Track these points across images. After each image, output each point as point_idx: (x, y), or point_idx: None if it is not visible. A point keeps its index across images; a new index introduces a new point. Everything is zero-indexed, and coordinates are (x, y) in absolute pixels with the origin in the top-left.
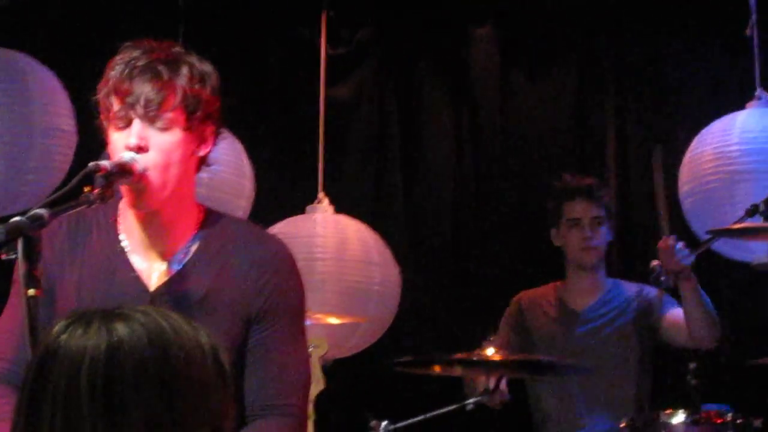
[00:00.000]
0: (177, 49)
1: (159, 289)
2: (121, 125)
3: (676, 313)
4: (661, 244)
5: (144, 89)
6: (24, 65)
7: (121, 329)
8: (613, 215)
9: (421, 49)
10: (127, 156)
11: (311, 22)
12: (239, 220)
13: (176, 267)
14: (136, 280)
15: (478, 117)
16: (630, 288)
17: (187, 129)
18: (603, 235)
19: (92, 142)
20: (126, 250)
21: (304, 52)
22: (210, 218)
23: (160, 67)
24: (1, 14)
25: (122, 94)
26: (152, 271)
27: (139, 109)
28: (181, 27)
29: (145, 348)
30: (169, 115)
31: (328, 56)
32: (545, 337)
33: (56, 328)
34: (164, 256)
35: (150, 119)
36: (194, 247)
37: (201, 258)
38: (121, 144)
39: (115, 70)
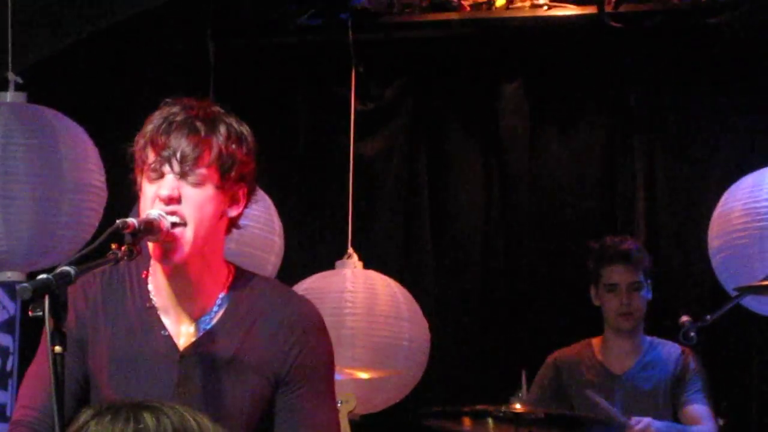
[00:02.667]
0: (216, 108)
1: (188, 349)
2: (154, 177)
3: (693, 410)
4: None
5: (180, 144)
6: (54, 121)
7: (148, 419)
8: (651, 275)
9: (450, 104)
10: (154, 213)
11: (341, 77)
12: (268, 279)
13: (205, 327)
14: (167, 339)
15: (508, 172)
16: (667, 350)
17: (220, 187)
18: (641, 300)
19: (122, 198)
20: (156, 307)
21: (334, 108)
22: (239, 278)
23: (198, 124)
24: (31, 70)
25: (158, 147)
26: (181, 331)
27: (174, 163)
28: (212, 82)
29: None
30: (203, 171)
31: (358, 112)
32: (586, 401)
33: (84, 416)
34: (193, 315)
35: (184, 173)
36: (223, 308)
37: (229, 319)
38: (152, 194)
39: (153, 124)
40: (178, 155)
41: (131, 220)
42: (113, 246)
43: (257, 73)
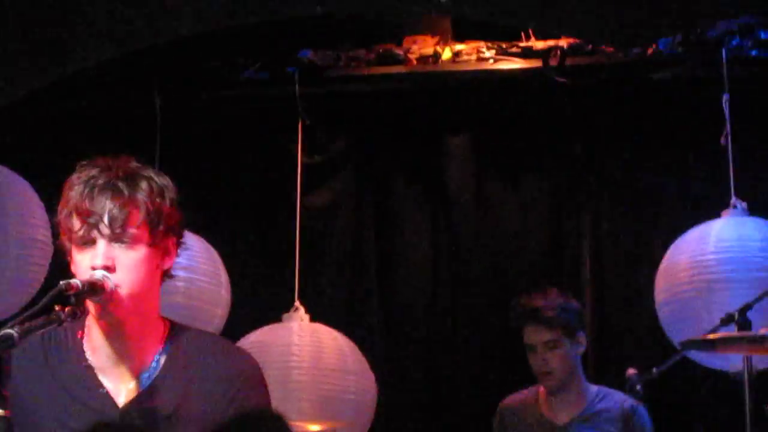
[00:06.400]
0: (134, 164)
1: (128, 405)
2: (84, 245)
3: None
4: None
5: (106, 207)
6: (0, 176)
7: None
8: (579, 326)
9: (397, 157)
10: (98, 274)
11: (288, 130)
12: (204, 333)
13: (145, 383)
14: (105, 397)
15: (454, 225)
16: (617, 401)
17: (151, 244)
18: (561, 358)
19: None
20: (93, 366)
21: (280, 161)
22: (175, 332)
23: (120, 184)
24: None
25: (84, 214)
26: (120, 388)
27: (104, 228)
28: (159, 135)
29: None
30: (134, 231)
31: (305, 164)
32: None
33: None
34: (132, 372)
35: (115, 237)
36: (161, 362)
37: (168, 373)
38: (86, 264)
39: (74, 191)
40: (106, 219)
41: (75, 282)
42: (57, 307)
43: (204, 126)
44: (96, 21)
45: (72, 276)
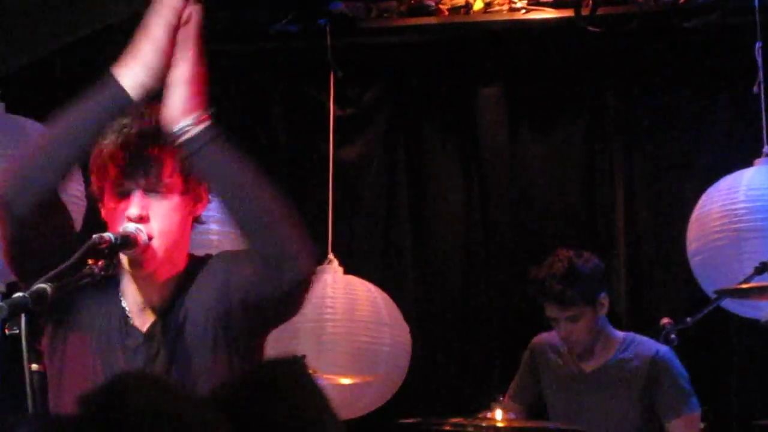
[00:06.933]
0: None
1: (149, 330)
2: (119, 194)
3: (674, 426)
4: None
5: (141, 157)
6: (33, 131)
7: None
8: (599, 288)
9: (428, 108)
10: (131, 227)
11: (319, 83)
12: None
13: (162, 311)
14: (131, 327)
15: (487, 174)
16: (646, 349)
17: (185, 192)
18: (584, 327)
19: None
20: (125, 309)
21: (312, 113)
22: (191, 261)
23: (153, 133)
24: (10, 81)
25: (119, 162)
26: (144, 317)
27: (139, 178)
28: None
29: None
30: (168, 181)
31: (336, 117)
32: (550, 392)
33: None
34: (156, 312)
35: (149, 186)
36: (178, 288)
37: (180, 297)
38: (121, 214)
39: (107, 139)
40: (141, 169)
41: (108, 235)
42: (90, 261)
43: (235, 80)
44: None
45: (105, 223)
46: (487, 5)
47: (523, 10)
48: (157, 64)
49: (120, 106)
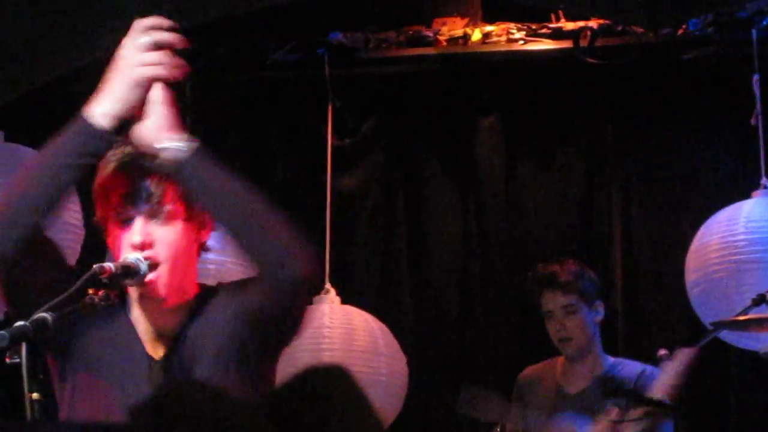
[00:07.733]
0: None
1: (162, 358)
2: (122, 222)
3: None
4: None
5: (143, 183)
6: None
7: None
8: (597, 295)
9: (427, 139)
10: (131, 257)
11: (318, 113)
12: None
13: (174, 337)
14: (141, 352)
15: (485, 206)
16: (632, 369)
17: (188, 219)
18: (579, 323)
19: (98, 236)
20: (138, 339)
21: (310, 143)
22: (201, 291)
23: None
24: (9, 110)
25: (120, 190)
26: (154, 345)
27: (140, 205)
28: (188, 118)
29: None
30: (170, 207)
31: (335, 147)
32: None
33: None
34: (166, 340)
35: (152, 213)
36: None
37: (190, 328)
38: (124, 242)
39: (108, 167)
40: (143, 195)
41: (108, 265)
42: (90, 291)
43: (233, 109)
44: (122, 4)
45: (109, 251)
46: (486, 36)
47: (522, 41)
48: (128, 96)
49: (92, 134)
